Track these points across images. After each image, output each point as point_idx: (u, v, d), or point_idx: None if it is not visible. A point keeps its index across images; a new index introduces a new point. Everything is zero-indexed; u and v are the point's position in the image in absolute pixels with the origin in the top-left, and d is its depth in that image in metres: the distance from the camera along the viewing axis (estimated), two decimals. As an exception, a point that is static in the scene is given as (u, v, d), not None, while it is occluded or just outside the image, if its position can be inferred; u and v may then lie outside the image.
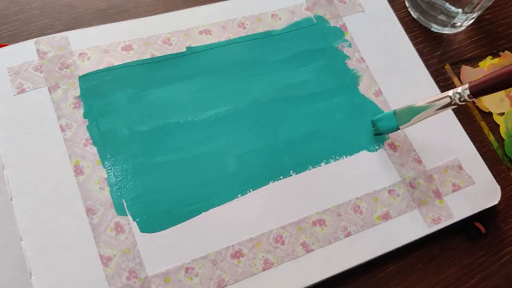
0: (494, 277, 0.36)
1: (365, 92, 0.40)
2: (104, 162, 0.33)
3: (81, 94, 0.35)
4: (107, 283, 0.30)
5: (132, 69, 0.37)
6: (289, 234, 0.33)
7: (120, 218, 0.32)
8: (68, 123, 0.34)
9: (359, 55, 0.41)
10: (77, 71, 0.36)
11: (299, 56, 0.40)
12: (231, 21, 0.40)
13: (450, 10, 0.43)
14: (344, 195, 0.35)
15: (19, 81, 0.35)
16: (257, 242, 0.33)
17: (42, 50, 0.36)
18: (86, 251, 0.31)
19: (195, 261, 0.32)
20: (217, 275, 0.31)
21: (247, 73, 0.39)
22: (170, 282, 0.31)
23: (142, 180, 0.33)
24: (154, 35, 0.38)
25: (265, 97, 0.38)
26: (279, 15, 0.41)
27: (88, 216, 0.32)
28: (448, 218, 0.35)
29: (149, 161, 0.34)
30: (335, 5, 0.43)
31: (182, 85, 0.37)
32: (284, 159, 0.36)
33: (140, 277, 0.31)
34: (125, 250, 0.31)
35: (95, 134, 0.34)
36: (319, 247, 0.33)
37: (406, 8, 0.46)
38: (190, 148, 0.35)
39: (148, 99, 0.36)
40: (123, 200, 0.33)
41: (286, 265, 0.32)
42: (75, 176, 0.33)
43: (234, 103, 0.37)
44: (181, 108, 0.36)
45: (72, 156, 0.33)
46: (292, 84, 0.39)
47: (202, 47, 0.39)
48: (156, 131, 0.35)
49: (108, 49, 0.37)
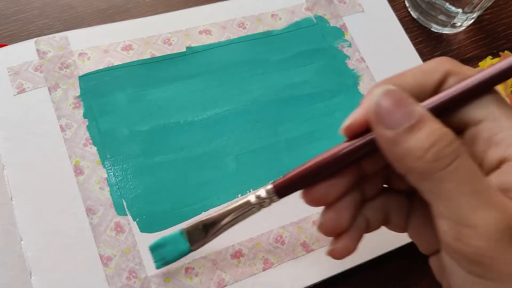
0: (494, 277, 0.36)
1: (365, 92, 0.40)
2: (104, 162, 0.33)
3: (81, 94, 0.35)
4: (107, 283, 0.30)
5: (132, 69, 0.37)
6: (289, 234, 0.33)
7: (120, 218, 0.32)
8: (68, 123, 0.34)
9: (359, 55, 0.41)
10: (77, 71, 0.36)
11: (299, 56, 0.40)
12: (231, 21, 0.40)
13: (450, 10, 0.43)
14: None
15: (19, 81, 0.35)
16: (257, 242, 0.33)
17: (42, 50, 0.36)
18: (86, 251, 0.31)
19: (195, 261, 0.32)
20: (217, 275, 0.31)
21: (247, 73, 0.39)
22: (170, 282, 0.31)
23: (142, 180, 0.33)
24: (154, 35, 0.38)
25: (265, 97, 0.38)
26: (279, 15, 0.41)
27: (88, 216, 0.32)
28: (448, 218, 0.35)
29: (149, 161, 0.34)
30: (335, 5, 0.43)
31: (182, 85, 0.37)
32: (284, 159, 0.36)
33: (140, 277, 0.31)
34: (125, 250, 0.31)
35: (95, 134, 0.34)
36: (319, 247, 0.33)
37: (406, 8, 0.46)
38: (190, 148, 0.35)
39: (148, 99, 0.36)
40: (123, 200, 0.33)
41: (286, 265, 0.32)
42: (75, 176, 0.33)
43: (234, 103, 0.37)
44: (181, 108, 0.36)
45: (72, 156, 0.33)
46: (292, 84, 0.39)
47: (202, 47, 0.39)
48: (156, 131, 0.35)
49: (108, 49, 0.37)
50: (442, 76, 0.22)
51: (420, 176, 0.19)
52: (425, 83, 0.22)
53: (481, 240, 0.18)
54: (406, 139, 0.19)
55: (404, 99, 0.20)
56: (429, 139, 0.19)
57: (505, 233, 0.18)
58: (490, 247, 0.18)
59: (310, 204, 0.24)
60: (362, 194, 0.25)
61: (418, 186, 0.20)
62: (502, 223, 0.18)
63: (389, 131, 0.20)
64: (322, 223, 0.24)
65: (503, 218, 0.18)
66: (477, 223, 0.18)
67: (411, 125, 0.19)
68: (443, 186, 0.19)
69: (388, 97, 0.20)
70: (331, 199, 0.23)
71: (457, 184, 0.18)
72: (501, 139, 0.20)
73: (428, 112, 0.20)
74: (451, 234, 0.19)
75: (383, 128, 0.20)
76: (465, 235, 0.18)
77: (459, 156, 0.19)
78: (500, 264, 0.18)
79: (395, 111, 0.19)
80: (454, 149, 0.19)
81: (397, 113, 0.19)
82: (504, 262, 0.18)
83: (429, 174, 0.19)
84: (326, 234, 0.24)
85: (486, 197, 0.19)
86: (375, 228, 0.25)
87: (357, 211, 0.24)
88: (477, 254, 0.18)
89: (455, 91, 0.21)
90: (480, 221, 0.18)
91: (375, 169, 0.24)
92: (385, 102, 0.20)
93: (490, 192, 0.19)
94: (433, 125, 0.19)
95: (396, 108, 0.20)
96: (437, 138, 0.19)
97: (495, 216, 0.18)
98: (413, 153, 0.19)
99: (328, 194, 0.23)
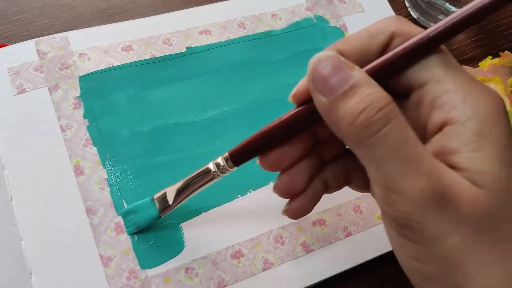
0: (494, 277, 0.36)
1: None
2: (105, 163, 0.33)
3: (81, 94, 0.35)
4: (107, 283, 0.30)
5: (132, 70, 0.37)
6: (289, 234, 0.33)
7: (120, 218, 0.32)
8: (68, 124, 0.34)
9: (359, 55, 0.41)
10: (77, 71, 0.36)
11: (299, 56, 0.40)
12: (231, 21, 0.40)
13: (450, 10, 0.43)
14: (344, 194, 0.35)
15: (19, 81, 0.35)
16: (257, 242, 0.33)
17: (42, 51, 0.36)
18: (86, 251, 0.31)
19: (195, 261, 0.32)
20: (217, 275, 0.31)
21: (247, 73, 0.39)
22: (170, 282, 0.31)
23: (143, 181, 0.33)
24: (154, 36, 0.38)
25: (265, 97, 0.38)
26: (279, 15, 0.41)
27: (88, 216, 0.32)
28: (448, 218, 0.35)
29: (149, 161, 0.34)
30: (335, 5, 0.43)
31: (182, 86, 0.37)
32: (284, 159, 0.36)
33: (140, 278, 0.31)
34: (125, 250, 0.31)
35: (95, 135, 0.34)
36: (319, 247, 0.33)
37: (406, 8, 0.46)
38: (190, 148, 0.35)
39: (148, 99, 0.36)
40: (123, 201, 0.33)
41: (286, 265, 0.32)
42: (75, 176, 0.33)
43: (234, 103, 0.37)
44: (181, 109, 0.36)
45: (72, 157, 0.33)
46: (292, 84, 0.38)
47: (202, 47, 0.39)
48: (156, 132, 0.35)
49: (108, 50, 0.37)
50: (387, 38, 0.22)
51: (353, 142, 0.20)
52: (370, 46, 0.22)
53: (408, 206, 0.19)
54: (340, 105, 0.19)
55: (339, 65, 0.20)
56: (360, 104, 0.19)
57: (430, 199, 0.18)
58: (416, 212, 0.19)
59: (266, 170, 0.25)
60: (319, 158, 0.25)
61: (353, 151, 0.20)
62: (428, 189, 0.18)
63: (324, 98, 0.20)
64: (276, 185, 0.25)
65: (430, 185, 0.18)
66: (405, 189, 0.19)
67: (344, 91, 0.19)
68: (373, 152, 0.19)
69: (324, 63, 0.20)
70: (286, 164, 0.24)
71: (387, 151, 0.19)
72: (444, 101, 0.20)
73: (366, 77, 0.20)
74: (382, 198, 0.20)
75: (319, 95, 0.20)
76: (393, 200, 0.19)
77: (390, 122, 0.19)
78: (426, 228, 0.19)
79: (330, 77, 0.20)
80: (384, 115, 0.19)
81: (332, 79, 0.19)
82: (430, 226, 0.19)
83: (360, 140, 0.19)
84: (281, 195, 0.25)
85: (415, 164, 0.19)
86: (335, 189, 0.26)
87: (313, 174, 0.25)
88: (405, 219, 0.19)
89: (397, 52, 0.21)
90: (407, 187, 0.19)
91: (329, 134, 0.24)
92: (321, 68, 0.20)
93: (421, 159, 0.19)
94: (367, 90, 0.19)
95: (331, 74, 0.20)
96: (368, 104, 0.19)
97: (422, 182, 0.18)
98: (345, 119, 0.19)
99: (282, 159, 0.24)
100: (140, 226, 0.32)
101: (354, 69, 0.20)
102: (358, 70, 0.20)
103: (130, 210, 0.32)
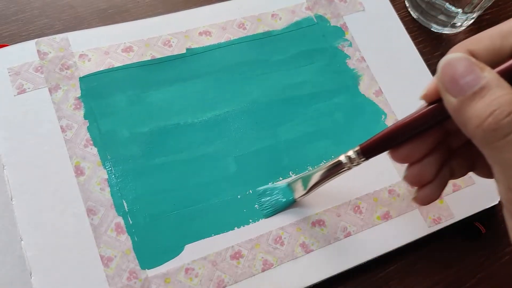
0: (495, 277, 0.36)
1: (365, 92, 0.40)
2: (105, 163, 0.33)
3: (82, 95, 0.35)
4: (108, 284, 0.30)
5: (133, 71, 0.37)
6: (289, 235, 0.33)
7: (120, 219, 0.32)
8: (69, 124, 0.34)
9: (359, 54, 0.41)
10: (77, 72, 0.36)
11: (299, 56, 0.40)
12: (231, 21, 0.40)
13: (450, 10, 0.43)
14: (343, 195, 0.35)
15: (20, 81, 0.35)
16: (256, 243, 0.33)
17: (43, 51, 0.36)
18: (87, 251, 0.31)
19: (195, 262, 0.32)
20: (217, 276, 0.31)
21: (247, 74, 0.39)
22: (170, 282, 0.31)
23: (143, 181, 0.33)
24: (154, 37, 0.38)
25: (265, 97, 0.38)
26: (279, 15, 0.41)
27: (88, 216, 0.32)
28: (448, 218, 0.35)
29: (149, 162, 0.34)
30: (336, 4, 0.43)
31: (182, 87, 0.37)
32: (284, 160, 0.36)
33: (141, 278, 0.31)
34: (125, 251, 0.31)
35: (95, 135, 0.34)
36: (319, 247, 0.33)
37: (406, 8, 0.46)
38: (190, 149, 0.35)
39: (148, 100, 0.36)
40: (123, 201, 0.33)
41: (285, 266, 0.32)
42: (76, 176, 0.33)
43: (234, 104, 0.37)
44: (181, 110, 0.36)
45: (73, 157, 0.33)
46: (292, 84, 0.39)
47: (202, 48, 0.39)
48: (156, 133, 0.35)
49: (109, 51, 0.37)
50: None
51: (480, 143, 0.20)
52: (502, 46, 0.21)
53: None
54: (468, 106, 0.19)
55: (470, 66, 0.20)
56: (489, 108, 0.19)
57: None
58: None
59: (397, 162, 0.26)
60: (448, 148, 0.26)
61: (481, 150, 0.20)
62: None
63: (453, 98, 0.20)
64: (407, 176, 0.26)
65: None
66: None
67: (473, 93, 0.19)
68: (500, 155, 0.19)
69: (452, 65, 0.20)
70: (417, 157, 0.25)
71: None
72: None
73: (497, 78, 0.19)
74: (506, 198, 0.20)
75: (448, 95, 0.20)
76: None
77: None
78: None
79: (460, 78, 0.20)
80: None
81: (462, 80, 0.20)
82: None
83: (488, 142, 0.19)
84: (411, 185, 0.26)
85: None
86: (461, 175, 0.27)
87: (441, 165, 0.26)
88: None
89: None
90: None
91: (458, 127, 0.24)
92: (451, 69, 0.20)
93: None
94: (497, 92, 0.19)
95: (461, 75, 0.20)
96: (497, 107, 0.19)
97: None
98: (473, 121, 0.19)
99: (412, 153, 0.25)
100: (278, 209, 0.33)
101: (485, 70, 0.20)
102: (489, 71, 0.20)
103: (266, 190, 0.34)
